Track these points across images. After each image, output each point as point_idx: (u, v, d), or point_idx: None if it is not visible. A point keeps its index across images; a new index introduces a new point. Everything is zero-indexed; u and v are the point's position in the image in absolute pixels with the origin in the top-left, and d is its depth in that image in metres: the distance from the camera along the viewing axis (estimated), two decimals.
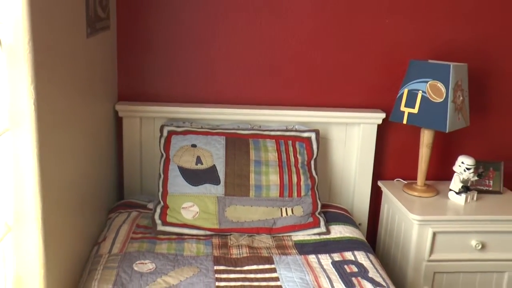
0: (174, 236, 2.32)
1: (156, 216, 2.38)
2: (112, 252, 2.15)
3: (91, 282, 1.93)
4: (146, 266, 2.06)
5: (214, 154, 2.47)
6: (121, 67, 2.72)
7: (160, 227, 2.34)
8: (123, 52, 2.70)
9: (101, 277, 1.96)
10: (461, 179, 2.68)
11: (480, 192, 2.82)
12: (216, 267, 2.09)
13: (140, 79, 2.74)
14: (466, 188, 2.71)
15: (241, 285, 1.97)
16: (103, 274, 1.98)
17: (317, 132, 2.65)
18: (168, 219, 2.37)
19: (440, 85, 2.52)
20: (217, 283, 1.97)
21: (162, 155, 2.52)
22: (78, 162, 2.02)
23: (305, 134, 2.63)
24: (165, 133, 2.54)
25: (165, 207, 2.41)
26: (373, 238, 3.05)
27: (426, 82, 2.55)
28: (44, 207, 1.60)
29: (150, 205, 2.56)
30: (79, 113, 2.01)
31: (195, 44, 2.71)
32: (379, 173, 2.98)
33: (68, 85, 1.86)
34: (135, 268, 2.03)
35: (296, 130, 2.66)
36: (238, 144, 2.51)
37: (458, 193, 2.70)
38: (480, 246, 2.59)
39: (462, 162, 2.66)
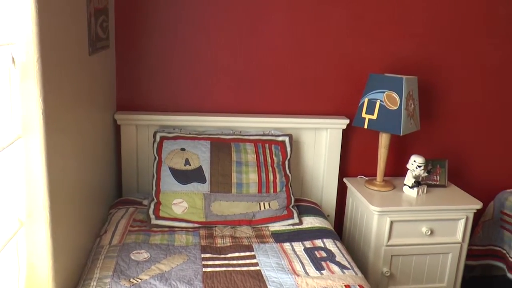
0: (166, 229, 2.31)
1: (151, 211, 2.37)
2: (112, 244, 2.13)
3: (94, 269, 1.91)
4: (142, 255, 2.04)
5: (200, 156, 2.45)
6: (119, 81, 2.70)
7: (154, 221, 2.33)
8: (121, 68, 2.68)
9: (103, 265, 1.94)
10: (414, 175, 2.71)
11: (429, 186, 2.86)
12: (203, 255, 2.08)
13: (136, 91, 2.72)
14: (417, 183, 2.74)
15: (225, 270, 1.96)
16: (104, 262, 1.96)
17: (290, 136, 2.65)
18: (161, 213, 2.36)
19: (395, 95, 2.54)
20: (204, 269, 1.97)
21: (155, 158, 2.50)
22: (82, 164, 2.00)
23: (280, 138, 2.63)
24: (157, 139, 2.53)
25: (158, 203, 2.39)
26: (339, 227, 3.06)
27: (383, 92, 2.57)
28: (52, 205, 1.59)
29: (145, 202, 2.54)
30: (82, 122, 2.00)
31: (183, 60, 2.70)
32: (344, 171, 2.99)
33: (73, 97, 1.85)
34: (132, 257, 2.02)
35: (272, 135, 2.66)
36: (221, 147, 2.50)
37: (411, 187, 2.73)
38: (429, 232, 2.62)
39: (414, 161, 2.69)
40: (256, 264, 2.03)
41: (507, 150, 3.18)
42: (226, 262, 2.04)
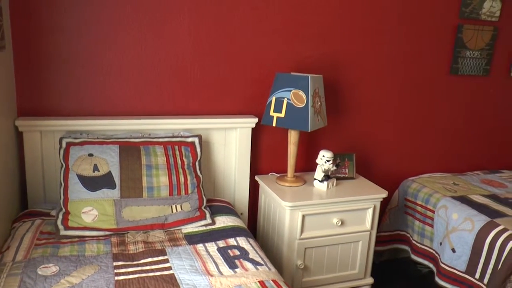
0: (76, 239, 2.24)
1: (59, 222, 2.28)
2: (16, 260, 2.02)
3: None
4: (50, 269, 1.96)
5: (109, 161, 2.40)
6: (19, 85, 2.56)
7: (63, 232, 2.25)
8: (21, 70, 2.54)
9: (5, 284, 1.84)
10: (323, 169, 2.80)
11: (338, 179, 2.97)
12: (115, 263, 2.04)
13: (39, 95, 2.60)
14: (327, 176, 2.83)
15: (138, 277, 1.94)
16: (6, 281, 1.87)
17: (199, 137, 2.66)
18: (70, 223, 2.28)
19: (301, 93, 2.60)
20: (116, 278, 1.93)
21: (62, 165, 2.41)
22: None
23: (189, 139, 2.63)
24: (64, 145, 2.44)
25: (66, 213, 2.31)
26: (254, 225, 3.12)
27: (290, 91, 2.63)
28: None
29: (53, 212, 2.44)
30: None
31: (88, 62, 2.62)
32: (255, 169, 3.05)
33: None
34: (39, 272, 1.93)
35: (181, 136, 2.65)
36: (130, 151, 2.46)
37: (321, 181, 2.81)
38: (340, 223, 2.72)
39: (323, 155, 2.78)
40: (170, 268, 2.03)
41: (407, 141, 3.39)
42: (139, 268, 2.01)
